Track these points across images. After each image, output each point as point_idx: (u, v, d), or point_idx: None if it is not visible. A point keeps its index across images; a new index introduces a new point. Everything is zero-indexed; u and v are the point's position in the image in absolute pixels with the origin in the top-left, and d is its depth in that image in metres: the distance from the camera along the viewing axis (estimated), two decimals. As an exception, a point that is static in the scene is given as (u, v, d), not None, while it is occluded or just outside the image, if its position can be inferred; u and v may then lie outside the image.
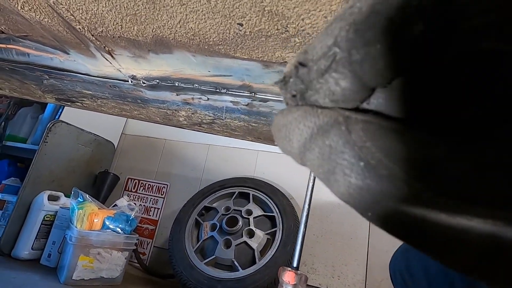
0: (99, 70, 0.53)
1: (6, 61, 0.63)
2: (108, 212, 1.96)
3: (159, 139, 2.83)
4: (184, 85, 0.49)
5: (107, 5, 0.33)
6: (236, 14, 0.29)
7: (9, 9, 0.42)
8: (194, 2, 0.29)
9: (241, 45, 0.34)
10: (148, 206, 2.64)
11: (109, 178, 2.59)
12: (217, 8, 0.29)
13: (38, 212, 2.01)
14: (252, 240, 1.85)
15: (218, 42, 0.34)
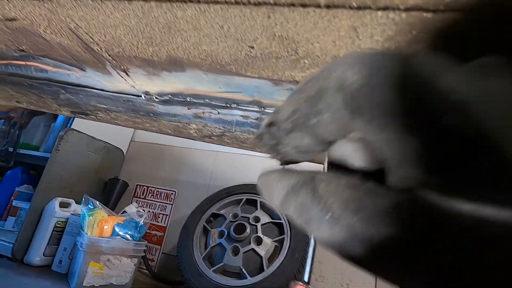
0: (114, 86, 0.55)
1: (25, 77, 0.66)
2: (118, 219, 1.99)
3: (167, 146, 2.87)
4: (195, 100, 0.50)
5: (124, 30, 0.35)
6: (247, 38, 0.31)
7: (32, 32, 0.44)
8: (207, 27, 0.30)
9: (252, 65, 0.35)
10: (156, 213, 2.67)
11: (118, 185, 2.63)
12: (229, 33, 0.30)
13: (50, 219, 2.05)
14: (260, 247, 1.84)
15: (230, 62, 0.36)
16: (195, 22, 0.30)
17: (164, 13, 0.30)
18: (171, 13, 0.30)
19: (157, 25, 0.33)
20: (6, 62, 0.66)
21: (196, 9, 0.28)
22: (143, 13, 0.31)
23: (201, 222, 2.09)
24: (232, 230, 1.93)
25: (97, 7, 0.33)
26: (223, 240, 1.92)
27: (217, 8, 0.27)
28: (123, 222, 2.01)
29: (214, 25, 0.30)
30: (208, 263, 1.90)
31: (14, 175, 2.35)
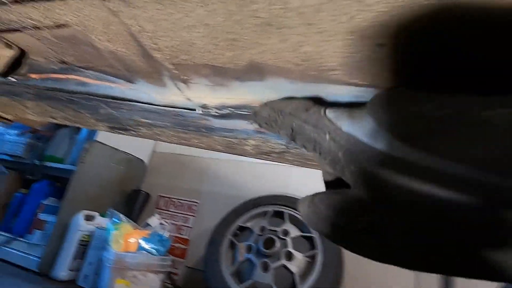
0: (165, 99, 0.48)
1: (64, 91, 0.61)
2: (143, 233, 1.94)
3: (188, 156, 2.82)
4: (261, 113, 0.43)
5: (202, 31, 0.28)
6: (379, 34, 0.23)
7: (82, 40, 0.39)
8: (327, 21, 0.23)
9: (367, 70, 0.27)
10: (179, 225, 2.61)
11: (140, 197, 2.60)
12: (358, 27, 0.23)
13: (75, 232, 2.02)
14: (291, 263, 1.74)
15: (336, 66, 0.28)
16: (312, 14, 0.23)
17: (269, 4, 0.23)
18: (281, 2, 0.22)
19: (253, 21, 0.26)
20: (44, 76, 0.61)
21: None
22: (239, 6, 0.24)
23: (227, 235, 2.01)
24: (260, 244, 1.83)
25: (176, 3, 0.26)
26: (251, 256, 1.83)
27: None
28: (148, 235, 1.96)
29: (339, 17, 0.22)
30: (236, 280, 1.80)
31: (40, 188, 2.36)
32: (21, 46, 0.56)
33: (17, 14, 0.34)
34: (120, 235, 1.86)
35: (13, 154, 2.47)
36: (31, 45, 0.53)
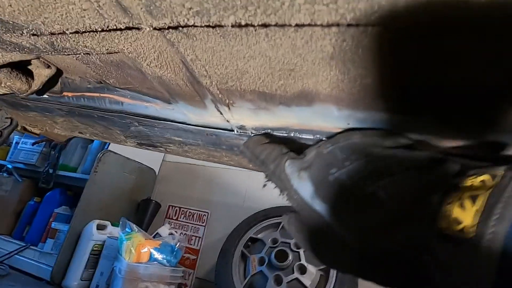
0: (202, 119, 0.49)
1: (97, 109, 0.62)
2: (154, 243, 1.94)
3: (198, 165, 2.83)
4: (300, 135, 0.43)
5: (258, 61, 0.29)
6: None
7: (129, 65, 0.39)
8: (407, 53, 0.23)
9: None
10: (189, 235, 2.60)
11: (151, 206, 2.60)
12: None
13: (88, 242, 2.02)
14: (305, 276, 1.71)
15: (392, 97, 0.28)
16: (385, 51, 0.23)
17: (340, 41, 0.23)
18: (353, 40, 0.23)
19: (316, 55, 0.26)
20: (79, 94, 0.62)
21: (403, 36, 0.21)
22: (306, 42, 0.25)
23: (239, 247, 1.99)
24: (273, 257, 1.81)
25: (240, 37, 0.26)
26: (264, 268, 1.81)
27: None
28: (160, 246, 1.95)
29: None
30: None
31: (53, 196, 2.38)
32: (59, 66, 0.57)
33: (72, 42, 0.35)
34: (132, 245, 1.86)
35: (28, 163, 2.51)
36: (70, 66, 0.54)
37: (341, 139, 0.33)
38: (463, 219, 0.21)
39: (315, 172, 0.32)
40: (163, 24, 0.25)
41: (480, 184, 0.22)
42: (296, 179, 0.34)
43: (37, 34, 0.33)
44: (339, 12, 0.18)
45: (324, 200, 0.30)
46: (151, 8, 0.23)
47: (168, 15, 0.24)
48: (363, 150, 0.31)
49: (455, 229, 0.21)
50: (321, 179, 0.31)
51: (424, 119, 0.32)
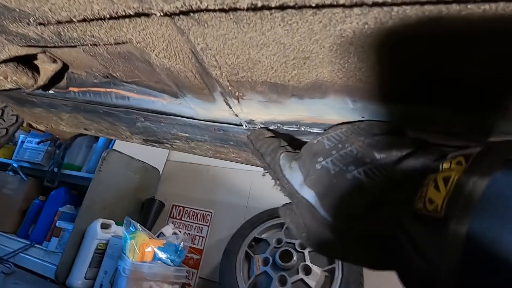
0: (209, 113, 0.48)
1: (102, 104, 0.61)
2: (158, 242, 1.93)
3: (202, 165, 2.82)
4: (311, 129, 0.42)
5: (272, 49, 0.28)
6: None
7: (137, 57, 0.39)
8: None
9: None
10: (192, 235, 2.59)
11: (155, 205, 2.60)
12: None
13: (92, 241, 2.02)
14: (310, 277, 1.69)
15: (409, 87, 0.27)
16: (410, 34, 0.22)
17: (362, 24, 0.22)
18: (376, 23, 0.22)
19: (334, 40, 0.25)
20: (84, 89, 0.62)
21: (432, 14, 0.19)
22: (324, 26, 0.23)
23: (243, 247, 1.98)
24: (277, 257, 1.80)
25: (254, 22, 0.25)
26: (268, 268, 1.79)
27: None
28: (164, 245, 1.94)
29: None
30: (253, 293, 1.77)
31: (57, 195, 2.39)
32: (65, 60, 0.56)
33: (79, 32, 0.34)
34: (136, 244, 1.86)
35: (33, 162, 2.53)
36: (77, 60, 0.53)
37: (330, 130, 0.35)
38: (435, 199, 0.22)
39: (304, 161, 0.34)
40: (175, 9, 0.24)
41: (455, 166, 0.23)
42: (287, 169, 0.36)
43: (44, 23, 0.33)
44: (365, -12, 0.17)
45: (312, 187, 0.32)
46: (163, -10, 0.22)
47: (181, -3, 0.23)
48: (349, 139, 0.32)
49: (428, 209, 0.22)
50: (308, 168, 0.33)
51: (443, 111, 0.31)
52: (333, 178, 0.30)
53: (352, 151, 0.30)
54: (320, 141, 0.34)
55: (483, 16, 0.18)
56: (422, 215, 0.23)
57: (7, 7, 0.30)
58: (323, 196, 0.30)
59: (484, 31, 0.20)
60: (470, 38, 0.21)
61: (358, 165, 0.28)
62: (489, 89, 0.26)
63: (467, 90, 0.27)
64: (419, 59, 0.25)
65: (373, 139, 0.30)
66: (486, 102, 0.28)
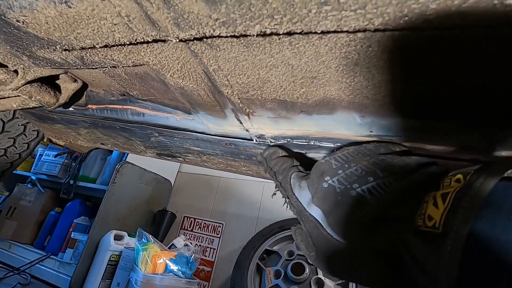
0: (221, 129, 0.49)
1: (119, 121, 0.63)
2: (170, 254, 1.94)
3: (213, 176, 2.84)
4: (320, 143, 0.43)
5: (281, 70, 0.29)
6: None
7: (153, 77, 0.41)
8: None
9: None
10: (204, 246, 2.59)
11: (167, 217, 2.62)
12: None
13: (105, 252, 2.05)
14: (323, 291, 1.65)
15: (420, 101, 0.27)
16: (411, 55, 0.23)
17: (366, 47, 0.23)
18: (379, 46, 0.23)
19: (340, 62, 0.26)
20: (102, 106, 0.65)
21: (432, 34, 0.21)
22: (330, 49, 0.25)
23: (254, 259, 1.96)
24: (289, 270, 1.77)
25: (263, 46, 0.27)
26: (280, 281, 1.77)
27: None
28: (175, 257, 1.95)
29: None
30: (265, 307, 1.73)
31: (73, 207, 2.44)
32: (85, 80, 0.60)
33: (101, 56, 0.37)
34: (148, 256, 1.87)
35: (50, 174, 2.61)
36: (96, 79, 0.56)
37: (338, 151, 0.36)
38: (434, 216, 0.22)
39: (312, 180, 0.36)
40: (189, 36, 0.26)
41: (454, 183, 0.23)
42: (297, 188, 0.38)
43: (68, 49, 0.35)
44: (367, 17, 0.18)
45: (319, 205, 0.33)
46: (179, 20, 0.24)
47: (195, 26, 0.24)
48: (355, 159, 0.33)
49: (428, 225, 0.23)
50: (316, 187, 0.34)
51: (450, 125, 0.31)
52: (338, 196, 0.31)
53: (357, 170, 0.31)
54: (328, 161, 0.35)
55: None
56: (422, 231, 0.23)
57: (37, 36, 0.33)
58: (329, 213, 0.31)
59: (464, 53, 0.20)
60: (465, 55, 0.21)
61: (362, 183, 0.29)
62: (492, 100, 0.27)
63: (467, 104, 0.28)
64: (421, 77, 0.26)
65: (378, 159, 0.31)
66: (491, 115, 0.28)
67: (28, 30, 0.32)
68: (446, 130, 0.31)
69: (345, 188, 0.30)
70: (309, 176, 0.37)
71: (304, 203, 0.35)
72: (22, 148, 1.06)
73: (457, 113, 0.29)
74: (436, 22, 0.17)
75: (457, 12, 0.16)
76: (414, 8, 0.16)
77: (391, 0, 0.17)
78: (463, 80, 0.25)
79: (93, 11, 0.26)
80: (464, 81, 0.25)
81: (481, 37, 0.18)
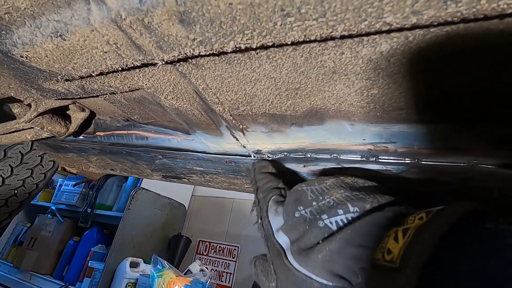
0: (220, 147, 0.50)
1: (125, 146, 0.66)
2: (185, 280, 1.90)
3: (227, 198, 2.83)
4: (317, 155, 0.42)
5: (265, 83, 0.30)
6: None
7: (150, 100, 0.42)
8: (398, 65, 0.22)
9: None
10: (220, 271, 2.53)
11: (182, 241, 2.60)
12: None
13: (121, 280, 2.04)
14: (345, 316, 1.56)
15: (404, 106, 0.27)
16: (383, 59, 0.23)
17: (339, 54, 0.24)
18: (351, 52, 0.23)
19: (318, 71, 0.27)
20: (109, 133, 0.68)
21: (399, 40, 0.21)
22: (306, 59, 0.25)
23: (271, 283, 1.89)
24: (308, 293, 1.69)
25: (244, 62, 0.28)
26: (299, 306, 1.68)
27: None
28: (190, 283, 1.91)
29: (420, 57, 0.22)
30: (285, 335, 1.64)
31: (90, 235, 2.47)
32: (92, 109, 0.63)
33: (99, 84, 0.39)
34: (163, 283, 1.84)
35: (69, 203, 2.68)
36: (101, 107, 0.59)
37: (316, 182, 0.36)
38: (393, 249, 0.23)
39: (287, 207, 0.36)
40: (173, 57, 0.28)
41: (418, 221, 0.24)
42: (273, 212, 0.38)
43: (69, 79, 0.38)
44: (329, 25, 0.19)
45: (286, 233, 0.33)
46: (161, 43, 0.26)
47: (176, 47, 0.26)
48: (330, 191, 0.33)
49: (386, 259, 0.23)
50: (288, 214, 0.34)
51: (440, 127, 0.30)
52: (307, 225, 0.31)
53: (329, 202, 0.31)
54: (304, 190, 0.35)
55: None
56: (379, 265, 0.23)
57: (40, 69, 0.35)
58: (293, 242, 0.31)
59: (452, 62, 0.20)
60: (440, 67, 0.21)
61: (331, 215, 0.30)
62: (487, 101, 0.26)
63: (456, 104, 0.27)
64: (399, 80, 0.26)
65: (351, 193, 0.31)
66: (486, 116, 0.27)
67: (31, 64, 0.34)
68: (438, 132, 0.31)
69: (314, 218, 0.31)
70: (285, 201, 0.37)
71: (274, 229, 0.35)
72: (39, 178, 1.11)
73: (446, 114, 0.29)
74: (394, 24, 0.17)
75: (412, 12, 0.16)
76: (370, 11, 0.17)
77: (347, 6, 0.17)
78: (442, 79, 0.24)
79: (85, 42, 0.28)
80: (444, 81, 0.25)
81: (442, 35, 0.19)
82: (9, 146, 1.01)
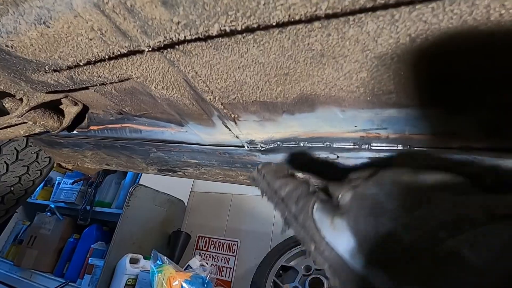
0: (213, 138, 0.50)
1: (119, 139, 0.65)
2: (185, 275, 1.91)
3: (226, 194, 2.83)
4: (310, 144, 0.42)
5: (254, 69, 0.29)
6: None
7: (140, 91, 0.42)
8: (385, 45, 0.22)
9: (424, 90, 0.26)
10: (220, 266, 2.54)
11: (181, 237, 2.61)
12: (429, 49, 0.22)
13: (122, 276, 2.05)
14: (344, 307, 1.57)
15: (393, 90, 0.27)
16: (370, 40, 0.23)
17: (326, 36, 0.23)
18: (338, 32, 0.23)
19: (306, 54, 0.26)
20: (103, 127, 0.67)
21: (385, 18, 0.20)
22: (293, 42, 0.25)
23: (270, 276, 1.90)
24: (307, 286, 1.70)
25: (231, 47, 0.27)
26: (298, 299, 1.69)
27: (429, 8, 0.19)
28: (190, 278, 1.92)
29: (407, 36, 0.22)
30: (285, 327, 1.66)
31: (90, 232, 2.48)
32: (85, 102, 0.62)
33: (88, 74, 0.38)
34: (163, 278, 1.85)
35: (68, 201, 2.68)
36: (94, 100, 0.59)
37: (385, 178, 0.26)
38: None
39: (357, 221, 0.25)
40: (159, 43, 0.27)
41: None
42: (328, 228, 0.26)
43: (57, 70, 0.37)
44: (312, 3, 0.19)
45: (373, 261, 0.23)
46: (145, 28, 0.25)
47: (161, 32, 0.25)
48: (420, 193, 0.24)
49: None
50: (366, 232, 0.24)
51: (431, 112, 0.30)
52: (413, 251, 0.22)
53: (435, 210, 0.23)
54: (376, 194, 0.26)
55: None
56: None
57: (26, 59, 0.35)
58: (396, 277, 0.22)
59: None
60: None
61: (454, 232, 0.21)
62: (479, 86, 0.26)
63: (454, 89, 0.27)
64: (389, 63, 0.25)
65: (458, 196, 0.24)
66: (478, 100, 0.27)
67: (17, 54, 0.34)
68: (428, 117, 0.30)
69: (421, 239, 0.21)
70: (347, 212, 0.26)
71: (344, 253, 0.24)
72: (36, 175, 1.10)
73: (436, 98, 0.28)
74: (378, 0, 0.17)
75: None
76: (353, -14, 0.17)
77: (330, -19, 0.17)
78: (430, 60, 0.24)
79: (69, 28, 0.28)
80: (432, 62, 0.24)
81: (428, 12, 0.18)
82: (4, 143, 1.00)
